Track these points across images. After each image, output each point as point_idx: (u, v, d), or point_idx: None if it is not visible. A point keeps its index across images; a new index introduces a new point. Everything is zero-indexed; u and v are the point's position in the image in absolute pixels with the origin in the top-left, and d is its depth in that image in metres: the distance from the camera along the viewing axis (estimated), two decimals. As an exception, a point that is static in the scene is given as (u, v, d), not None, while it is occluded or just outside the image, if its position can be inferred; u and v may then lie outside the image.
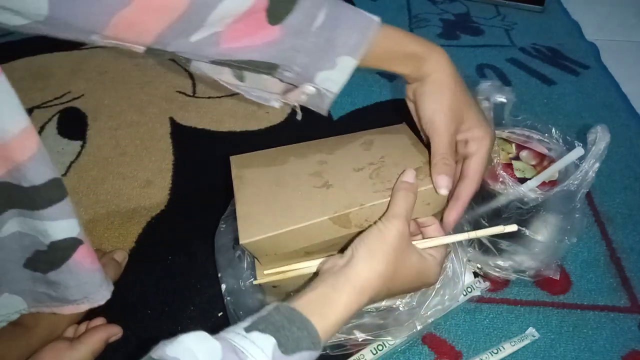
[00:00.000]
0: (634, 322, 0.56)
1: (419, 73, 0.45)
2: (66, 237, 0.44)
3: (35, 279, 0.46)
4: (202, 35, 0.40)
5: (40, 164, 0.39)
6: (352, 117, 0.85)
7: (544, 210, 0.52)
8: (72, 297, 0.48)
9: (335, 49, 0.42)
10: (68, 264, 0.45)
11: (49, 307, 0.48)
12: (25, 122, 0.38)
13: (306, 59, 0.43)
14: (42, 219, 0.42)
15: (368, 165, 0.48)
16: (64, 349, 0.49)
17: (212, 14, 0.38)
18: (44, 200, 0.41)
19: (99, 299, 0.49)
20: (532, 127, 0.59)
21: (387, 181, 0.46)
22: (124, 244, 0.65)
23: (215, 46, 0.41)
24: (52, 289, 0.47)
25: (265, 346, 0.32)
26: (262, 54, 0.42)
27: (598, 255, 0.63)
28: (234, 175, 0.49)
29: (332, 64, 0.43)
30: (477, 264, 0.59)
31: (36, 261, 0.45)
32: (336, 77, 0.44)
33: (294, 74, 0.44)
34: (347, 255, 0.40)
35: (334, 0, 0.42)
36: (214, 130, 0.83)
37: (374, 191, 0.45)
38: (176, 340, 0.31)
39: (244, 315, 0.50)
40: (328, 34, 0.42)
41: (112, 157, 0.79)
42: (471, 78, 0.94)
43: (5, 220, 0.41)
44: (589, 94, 0.90)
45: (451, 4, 1.20)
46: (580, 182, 0.49)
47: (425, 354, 0.53)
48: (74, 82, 0.94)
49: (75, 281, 0.47)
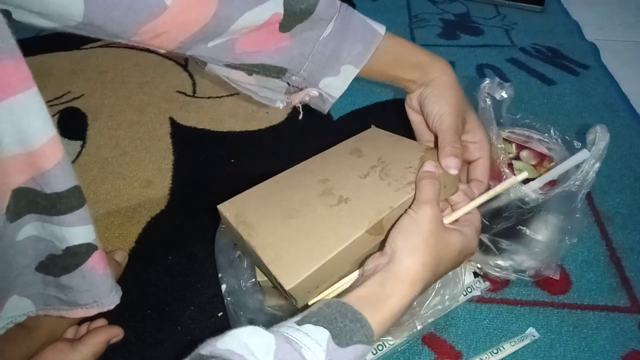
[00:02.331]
0: (634, 322, 0.56)
1: (424, 79, 0.48)
2: (82, 243, 0.44)
3: (46, 283, 0.46)
4: (220, 41, 0.43)
5: (65, 172, 0.40)
6: (352, 117, 0.85)
7: (544, 210, 0.52)
8: (82, 301, 0.48)
9: (340, 58, 0.46)
10: (82, 269, 0.45)
11: (58, 310, 0.48)
12: (53, 132, 0.38)
13: (312, 65, 0.46)
14: (61, 225, 0.42)
15: (371, 169, 0.47)
16: (65, 350, 0.49)
17: (232, 25, 0.41)
18: (65, 207, 0.41)
19: (108, 304, 0.49)
20: (532, 127, 0.59)
21: (401, 177, 0.45)
22: (124, 244, 0.65)
23: (230, 51, 0.44)
24: (62, 292, 0.47)
25: (319, 338, 0.32)
26: (272, 59, 0.45)
27: (598, 255, 0.63)
28: (235, 223, 0.44)
29: (336, 72, 0.46)
30: (477, 264, 0.59)
31: (49, 265, 0.45)
32: (338, 84, 0.47)
33: (300, 78, 0.47)
34: (387, 252, 0.40)
35: (345, 12, 0.45)
36: (214, 130, 0.83)
37: (394, 190, 0.44)
38: (227, 334, 0.31)
39: (244, 315, 0.50)
40: (334, 45, 0.45)
41: (112, 157, 0.79)
42: (471, 78, 0.94)
43: (23, 225, 0.42)
44: (589, 94, 0.90)
45: (451, 4, 1.20)
46: (581, 182, 0.49)
47: (425, 354, 0.53)
48: (74, 82, 0.94)
49: (87, 286, 0.47)
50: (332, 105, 0.50)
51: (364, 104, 0.87)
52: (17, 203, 0.40)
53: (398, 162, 0.47)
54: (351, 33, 0.45)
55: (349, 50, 0.45)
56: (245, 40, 0.43)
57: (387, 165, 0.47)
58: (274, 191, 0.47)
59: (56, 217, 0.42)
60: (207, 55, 0.44)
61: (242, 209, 0.45)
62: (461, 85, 0.49)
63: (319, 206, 0.44)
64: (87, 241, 0.44)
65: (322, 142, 0.54)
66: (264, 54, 0.45)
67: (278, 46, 0.44)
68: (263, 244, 0.42)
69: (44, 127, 0.38)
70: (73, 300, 0.47)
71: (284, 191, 0.47)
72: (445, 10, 1.17)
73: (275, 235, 0.42)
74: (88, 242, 0.45)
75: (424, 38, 1.06)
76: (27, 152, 0.37)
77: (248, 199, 0.46)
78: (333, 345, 0.32)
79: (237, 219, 0.44)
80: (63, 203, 0.41)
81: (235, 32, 0.43)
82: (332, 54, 0.45)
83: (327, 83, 0.47)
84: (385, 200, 0.43)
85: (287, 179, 0.48)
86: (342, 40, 0.45)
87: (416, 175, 0.45)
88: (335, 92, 0.48)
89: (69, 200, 0.41)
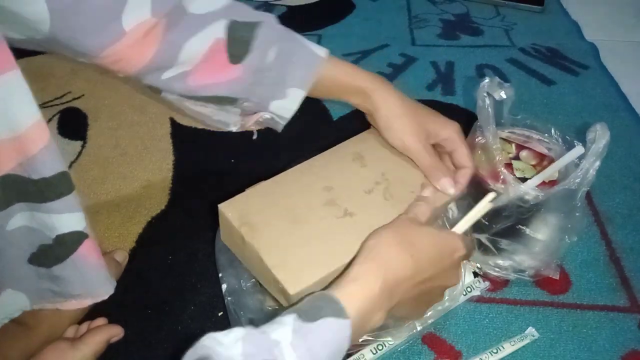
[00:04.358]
0: (633, 321, 0.56)
1: (367, 106, 0.50)
2: (72, 231, 0.44)
3: (39, 275, 0.46)
4: (173, 73, 0.46)
5: (51, 156, 0.40)
6: (352, 117, 0.85)
7: (544, 209, 0.52)
8: (75, 292, 0.48)
9: (285, 82, 0.48)
10: (73, 258, 0.45)
11: (52, 303, 0.48)
12: (37, 115, 0.39)
13: (261, 91, 0.49)
14: (50, 213, 0.42)
15: (375, 185, 0.48)
16: (65, 349, 0.49)
17: (180, 53, 0.45)
18: (53, 193, 0.41)
19: (102, 294, 0.49)
20: (532, 127, 0.59)
21: (405, 202, 0.46)
22: (124, 244, 0.65)
23: (184, 84, 0.47)
24: (55, 284, 0.47)
25: (286, 320, 0.33)
26: (225, 90, 0.48)
27: (597, 255, 0.63)
28: (238, 224, 0.43)
29: (284, 95, 0.49)
30: (476, 264, 0.59)
31: (41, 256, 0.45)
32: (288, 105, 0.50)
33: (252, 104, 0.50)
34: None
35: (285, 36, 0.48)
36: (214, 131, 0.83)
37: (398, 213, 0.44)
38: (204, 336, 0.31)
39: (244, 315, 0.50)
40: (279, 69, 0.48)
41: (112, 157, 0.79)
42: (471, 78, 0.94)
43: (12, 214, 0.42)
44: (589, 94, 0.90)
45: (451, 5, 1.20)
46: (581, 180, 0.49)
47: (425, 354, 0.53)
48: (74, 82, 0.94)
49: (79, 276, 0.47)
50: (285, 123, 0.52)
51: (364, 104, 0.87)
52: (6, 190, 0.40)
53: (402, 185, 0.48)
54: (295, 57, 0.48)
55: (293, 74, 0.48)
56: (198, 74, 0.46)
57: (390, 184, 0.48)
58: (277, 193, 0.47)
59: (45, 204, 0.42)
60: (162, 86, 0.47)
61: (245, 209, 0.45)
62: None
63: (325, 215, 0.44)
64: (78, 229, 0.44)
65: (322, 142, 0.54)
66: (216, 87, 0.47)
67: (229, 78, 0.47)
68: (266, 247, 0.41)
69: (29, 109, 0.38)
70: (66, 292, 0.48)
71: (287, 194, 0.47)
72: (445, 11, 1.17)
73: (281, 240, 0.42)
74: (78, 230, 0.45)
75: (423, 38, 1.07)
76: (14, 136, 0.38)
77: (250, 200, 0.46)
78: (299, 323, 0.32)
79: (240, 220, 0.44)
80: (51, 189, 0.41)
81: (186, 63, 0.46)
82: (278, 78, 0.48)
83: (277, 106, 0.50)
84: (389, 221, 0.43)
85: (289, 181, 0.48)
86: (286, 64, 0.48)
87: None
88: (286, 113, 0.51)
89: (57, 186, 0.41)
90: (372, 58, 0.99)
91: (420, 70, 0.96)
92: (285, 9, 1.17)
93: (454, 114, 0.51)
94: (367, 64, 0.96)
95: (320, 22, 1.11)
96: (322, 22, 1.11)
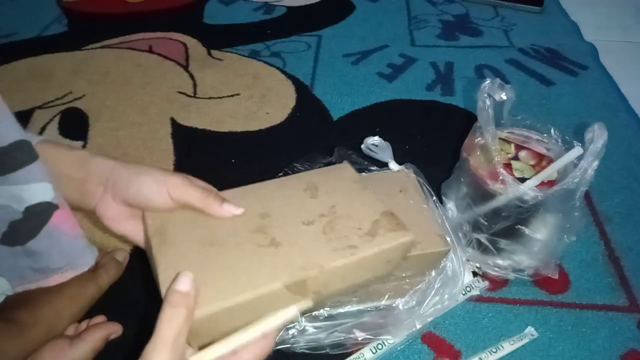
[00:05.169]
0: (632, 321, 0.56)
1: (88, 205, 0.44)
2: (41, 202, 0.43)
3: (15, 254, 0.45)
4: None
5: (5, 124, 0.39)
6: (352, 117, 0.85)
7: (543, 209, 0.53)
8: (55, 265, 0.47)
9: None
10: (47, 229, 0.44)
11: (34, 282, 0.47)
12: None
13: None
14: (16, 183, 0.41)
15: (318, 217, 0.42)
16: (64, 347, 0.49)
17: None
18: (14, 161, 0.40)
19: (82, 265, 0.48)
20: (531, 127, 0.59)
21: (344, 237, 0.40)
22: (125, 244, 0.66)
23: None
24: (34, 259, 0.46)
25: None
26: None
27: (596, 254, 0.63)
28: (152, 232, 0.39)
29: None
30: (476, 264, 0.59)
31: (13, 233, 0.44)
32: None
33: None
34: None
35: None
36: (214, 131, 0.83)
37: (333, 249, 0.39)
38: None
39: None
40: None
41: (113, 157, 0.79)
42: (470, 79, 0.94)
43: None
44: (588, 95, 0.90)
45: (450, 5, 1.20)
46: (580, 180, 0.49)
47: (424, 353, 0.54)
48: (75, 82, 0.94)
49: (56, 247, 0.46)
50: None
51: (364, 104, 0.87)
52: None
53: (349, 219, 0.42)
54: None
55: None
56: None
57: (336, 218, 0.42)
58: None
59: (8, 176, 0.40)
60: None
61: (168, 221, 0.41)
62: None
63: (246, 242, 0.39)
64: (46, 200, 0.43)
65: (322, 142, 0.54)
66: None
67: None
68: (167, 263, 0.37)
69: None
70: (46, 267, 0.46)
71: None
72: (444, 12, 1.18)
73: (186, 258, 0.38)
74: (47, 200, 0.43)
75: (423, 39, 1.07)
76: None
77: (180, 213, 0.42)
78: None
79: (156, 230, 0.40)
80: (10, 158, 0.40)
81: None
82: None
83: None
84: (317, 257, 0.38)
85: (235, 198, 0.43)
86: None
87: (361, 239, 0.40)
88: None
89: (16, 155, 0.40)
90: (371, 58, 0.99)
91: (419, 71, 0.96)
92: (285, 9, 1.17)
93: (453, 115, 0.52)
94: (366, 65, 0.96)
95: (320, 23, 1.11)
96: (322, 22, 1.11)
